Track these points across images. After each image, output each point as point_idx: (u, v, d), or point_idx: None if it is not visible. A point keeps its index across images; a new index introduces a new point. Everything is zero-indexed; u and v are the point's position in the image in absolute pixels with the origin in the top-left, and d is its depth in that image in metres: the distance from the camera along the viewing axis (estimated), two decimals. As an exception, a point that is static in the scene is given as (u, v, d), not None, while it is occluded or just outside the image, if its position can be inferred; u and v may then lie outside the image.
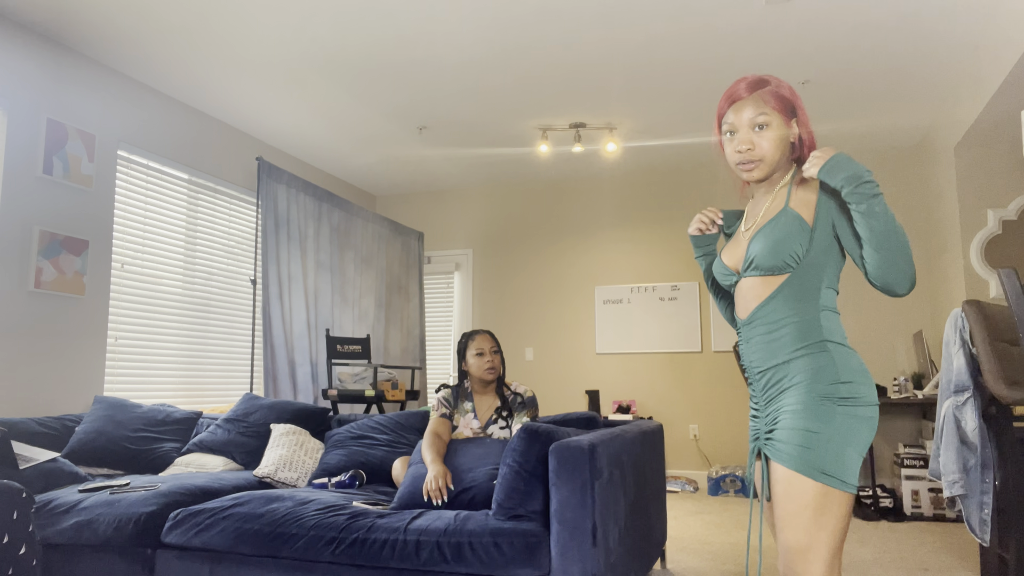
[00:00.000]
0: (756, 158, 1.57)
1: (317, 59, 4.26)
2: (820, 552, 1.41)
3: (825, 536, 1.41)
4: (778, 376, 1.53)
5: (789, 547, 1.44)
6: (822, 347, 1.49)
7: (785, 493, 1.45)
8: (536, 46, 4.13)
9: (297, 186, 5.38)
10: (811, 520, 1.41)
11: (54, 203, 3.90)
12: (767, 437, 1.53)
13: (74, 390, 3.95)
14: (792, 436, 1.45)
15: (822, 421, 1.44)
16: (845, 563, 3.45)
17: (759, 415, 1.60)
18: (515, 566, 2.17)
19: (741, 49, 4.17)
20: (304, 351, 5.26)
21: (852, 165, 1.43)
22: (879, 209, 1.40)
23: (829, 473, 1.41)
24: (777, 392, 1.53)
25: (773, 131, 1.57)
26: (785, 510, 1.44)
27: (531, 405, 2.97)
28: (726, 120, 1.61)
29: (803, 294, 1.52)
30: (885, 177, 5.91)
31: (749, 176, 1.60)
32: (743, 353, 1.63)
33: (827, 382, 1.46)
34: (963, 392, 2.82)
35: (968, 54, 4.23)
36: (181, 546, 2.58)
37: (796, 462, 1.43)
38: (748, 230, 1.64)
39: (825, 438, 1.43)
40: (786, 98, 1.58)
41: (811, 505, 1.41)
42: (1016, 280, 2.50)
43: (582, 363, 6.51)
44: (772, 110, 1.56)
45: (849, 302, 5.89)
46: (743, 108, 1.57)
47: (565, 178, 6.73)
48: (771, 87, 1.58)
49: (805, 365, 1.49)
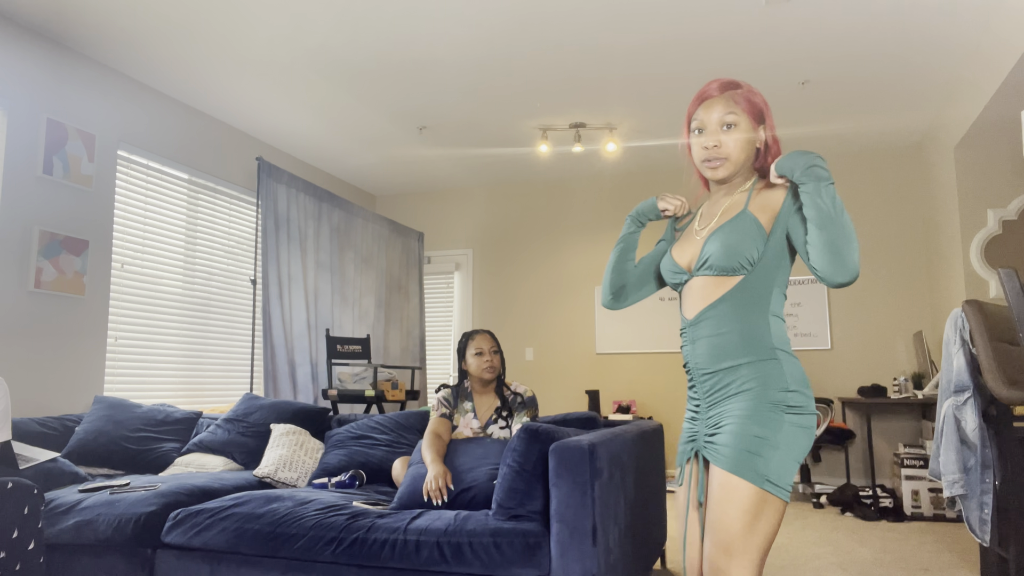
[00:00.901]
0: (722, 156, 1.59)
1: (317, 59, 4.26)
2: (751, 556, 1.42)
3: (757, 541, 1.42)
4: (726, 380, 1.52)
5: (720, 549, 1.43)
6: (772, 354, 1.49)
7: (724, 497, 1.44)
8: (536, 46, 4.13)
9: (297, 186, 5.38)
10: (747, 525, 1.41)
11: (54, 203, 3.90)
12: (708, 440, 1.53)
13: (74, 390, 3.96)
14: (739, 441, 1.44)
15: (770, 429, 1.44)
16: (845, 563, 3.45)
17: (698, 417, 1.59)
18: (515, 566, 2.17)
19: (741, 49, 4.17)
20: (304, 351, 5.26)
21: (809, 156, 1.46)
22: (827, 193, 1.41)
23: (772, 480, 1.42)
24: (723, 396, 1.52)
25: (740, 132, 1.58)
26: (723, 512, 1.43)
27: (531, 405, 2.97)
28: (695, 117, 1.62)
29: (754, 298, 1.53)
30: (885, 177, 5.91)
31: (713, 174, 1.61)
32: (688, 354, 1.61)
33: (777, 389, 1.47)
34: (963, 392, 2.82)
35: (968, 54, 4.23)
36: (181, 546, 2.58)
37: (740, 467, 1.43)
38: (703, 229, 1.64)
39: (772, 445, 1.43)
40: (756, 103, 1.60)
41: (749, 510, 1.41)
42: (1016, 280, 2.50)
43: (582, 363, 6.51)
44: (742, 111, 1.58)
45: (849, 302, 5.89)
46: (713, 106, 1.59)
47: (565, 178, 6.73)
48: (743, 90, 1.60)
49: (755, 371, 1.49)
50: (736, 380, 1.50)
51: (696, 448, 1.57)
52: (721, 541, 1.43)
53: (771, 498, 1.42)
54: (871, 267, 5.87)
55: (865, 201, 5.94)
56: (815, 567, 3.36)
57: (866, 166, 5.97)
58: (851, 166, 6.00)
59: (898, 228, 5.84)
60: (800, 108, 5.05)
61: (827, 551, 3.70)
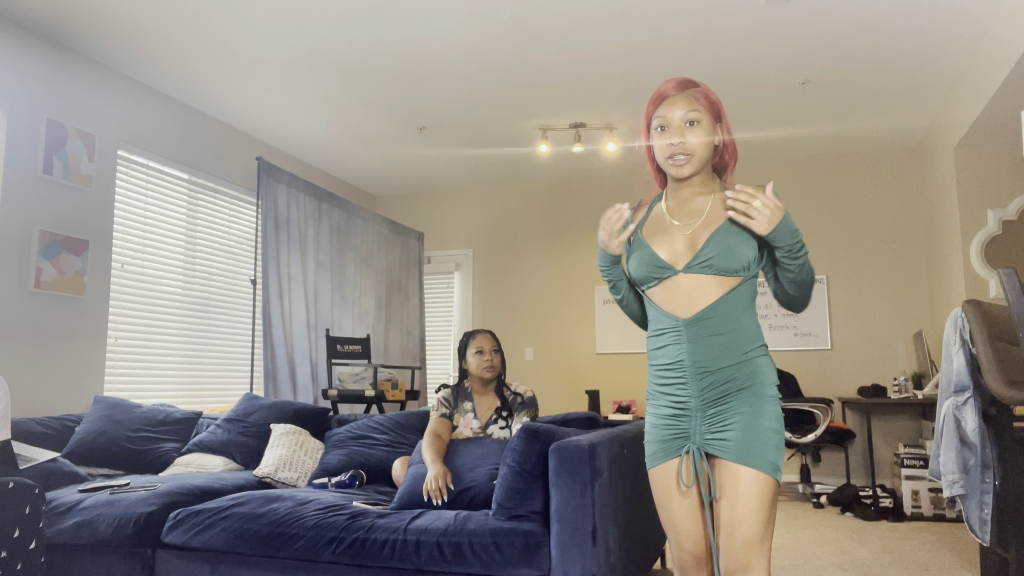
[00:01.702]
0: (688, 152, 1.59)
1: (317, 59, 4.26)
2: (768, 542, 1.52)
3: (771, 529, 1.54)
4: (726, 377, 1.55)
5: (748, 541, 1.50)
6: (764, 350, 1.60)
7: (745, 492, 1.51)
8: (536, 46, 4.13)
9: (297, 186, 5.38)
10: (766, 514, 1.51)
11: (54, 203, 3.90)
12: (717, 438, 1.55)
13: (74, 390, 3.96)
14: (753, 437, 1.52)
15: (775, 421, 1.55)
16: (845, 563, 3.45)
17: (688, 414, 1.58)
18: (515, 566, 2.17)
19: (741, 49, 4.17)
20: (304, 351, 5.26)
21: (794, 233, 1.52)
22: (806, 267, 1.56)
23: (780, 468, 1.54)
24: (724, 393, 1.55)
25: (703, 129, 1.60)
26: (747, 507, 1.50)
27: (531, 405, 2.97)
28: (657, 115, 1.62)
29: (747, 299, 1.60)
30: (885, 177, 5.91)
31: (679, 172, 1.62)
32: (679, 353, 1.58)
33: (770, 384, 1.58)
34: (963, 392, 2.82)
35: (968, 54, 4.23)
36: (181, 546, 2.58)
37: (758, 461, 1.51)
38: (685, 226, 1.62)
39: (777, 436, 1.54)
40: (714, 101, 1.63)
41: (766, 501, 1.52)
42: (1016, 280, 2.50)
43: (582, 363, 6.51)
44: (703, 109, 1.60)
45: (849, 302, 5.89)
46: (675, 104, 1.60)
47: (565, 178, 6.74)
48: (701, 89, 1.63)
49: (757, 367, 1.57)
50: (737, 377, 1.55)
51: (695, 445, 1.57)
52: (745, 535, 1.50)
53: (776, 485, 1.54)
54: (871, 267, 5.87)
55: (865, 201, 5.94)
56: (815, 567, 3.36)
57: (866, 166, 5.97)
58: (851, 166, 6.00)
59: (898, 228, 5.84)
60: (800, 108, 5.05)
61: (827, 551, 3.70)
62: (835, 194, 6.02)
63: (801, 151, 6.01)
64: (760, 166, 6.21)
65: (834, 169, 6.04)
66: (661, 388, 1.63)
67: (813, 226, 6.05)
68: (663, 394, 1.63)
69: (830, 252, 5.99)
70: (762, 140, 5.71)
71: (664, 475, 1.62)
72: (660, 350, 1.63)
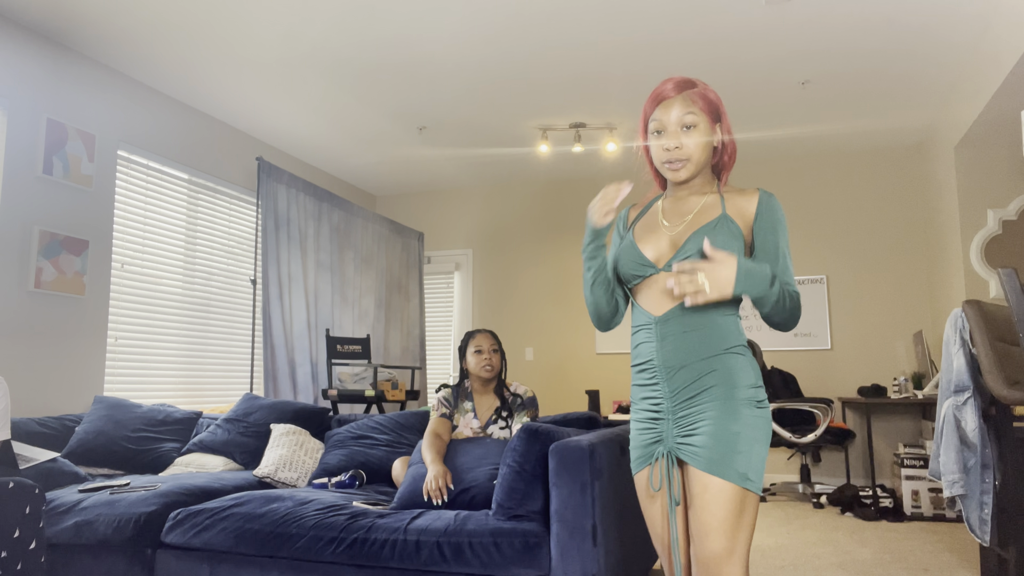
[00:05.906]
0: (684, 157, 1.57)
1: (317, 59, 4.26)
2: (740, 554, 1.44)
3: (744, 538, 1.45)
4: (695, 375, 1.51)
5: (715, 553, 1.44)
6: (740, 351, 1.52)
7: (710, 499, 1.45)
8: (536, 46, 4.13)
9: (297, 186, 5.38)
10: (734, 524, 1.44)
11: (54, 203, 3.90)
12: (685, 443, 1.50)
13: (74, 390, 3.96)
14: (718, 443, 1.45)
15: (745, 426, 1.47)
16: (845, 563, 3.45)
17: (663, 417, 1.55)
18: (515, 566, 2.17)
19: (741, 49, 4.17)
20: (304, 351, 5.26)
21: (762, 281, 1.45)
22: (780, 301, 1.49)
23: (751, 478, 1.45)
24: (694, 393, 1.50)
25: (700, 132, 1.57)
26: (713, 517, 1.44)
27: (531, 405, 2.97)
28: (653, 119, 1.60)
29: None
30: (885, 177, 5.91)
31: (675, 176, 1.60)
32: (651, 351, 1.56)
33: (745, 386, 1.49)
34: (963, 392, 2.82)
35: (968, 54, 4.23)
36: (181, 546, 2.58)
37: (722, 468, 1.44)
38: (674, 226, 1.61)
39: (748, 442, 1.46)
40: (712, 101, 1.59)
41: (734, 510, 1.44)
42: (1016, 280, 2.50)
43: (582, 363, 6.51)
44: (700, 111, 1.57)
45: (849, 302, 5.89)
46: (671, 107, 1.57)
47: (565, 178, 6.74)
48: (699, 89, 1.58)
49: (730, 367, 1.50)
50: (705, 377, 1.50)
51: (666, 449, 1.54)
52: (715, 545, 1.44)
53: (749, 494, 1.45)
54: (871, 267, 5.87)
55: (865, 201, 5.94)
56: (815, 567, 3.36)
57: (866, 166, 5.97)
58: (851, 166, 6.00)
59: (898, 228, 5.84)
60: (800, 108, 5.05)
61: (827, 551, 3.70)
62: (835, 194, 6.02)
63: (801, 151, 6.01)
64: (760, 166, 6.21)
65: (834, 169, 6.04)
66: (639, 390, 1.60)
67: (813, 226, 6.06)
68: (642, 397, 1.59)
69: (830, 252, 5.99)
70: (762, 140, 5.71)
71: (644, 481, 1.59)
72: (636, 349, 1.61)
